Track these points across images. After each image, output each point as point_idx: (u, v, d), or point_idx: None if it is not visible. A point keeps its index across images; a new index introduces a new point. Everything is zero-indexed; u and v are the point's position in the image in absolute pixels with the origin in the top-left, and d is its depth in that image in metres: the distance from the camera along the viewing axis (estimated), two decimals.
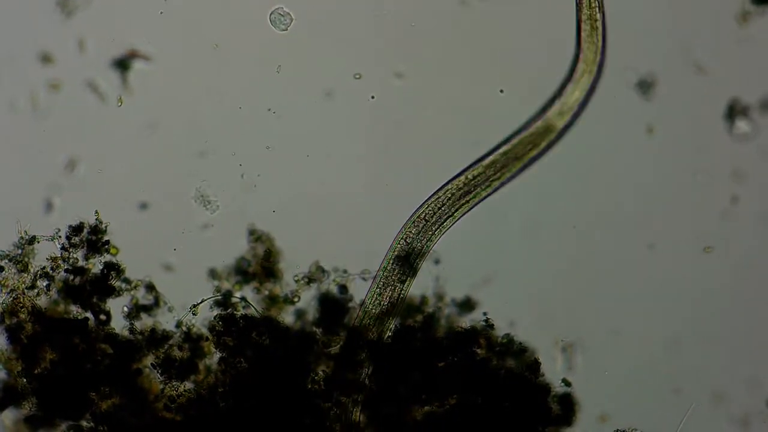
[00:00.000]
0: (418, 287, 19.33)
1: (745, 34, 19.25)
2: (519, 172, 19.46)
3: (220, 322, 18.93)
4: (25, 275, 18.90)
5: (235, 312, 19.00)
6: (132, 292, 19.05)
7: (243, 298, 18.86)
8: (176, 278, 19.14)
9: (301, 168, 19.28)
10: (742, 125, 19.27)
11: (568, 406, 19.17)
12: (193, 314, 18.97)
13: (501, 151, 19.41)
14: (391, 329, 19.16)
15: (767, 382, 19.35)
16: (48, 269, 18.96)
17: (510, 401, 19.00)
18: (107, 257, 19.08)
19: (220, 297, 19.00)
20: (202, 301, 19.00)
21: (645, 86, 18.72)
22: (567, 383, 19.15)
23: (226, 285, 19.06)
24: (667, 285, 19.43)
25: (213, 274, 19.06)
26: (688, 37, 19.22)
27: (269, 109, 19.19)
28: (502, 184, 19.46)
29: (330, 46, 19.31)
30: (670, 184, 19.42)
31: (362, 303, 19.17)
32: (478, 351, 19.14)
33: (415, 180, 19.31)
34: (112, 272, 19.06)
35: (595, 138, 19.43)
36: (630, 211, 19.45)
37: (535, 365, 19.19)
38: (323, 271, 19.20)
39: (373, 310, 19.15)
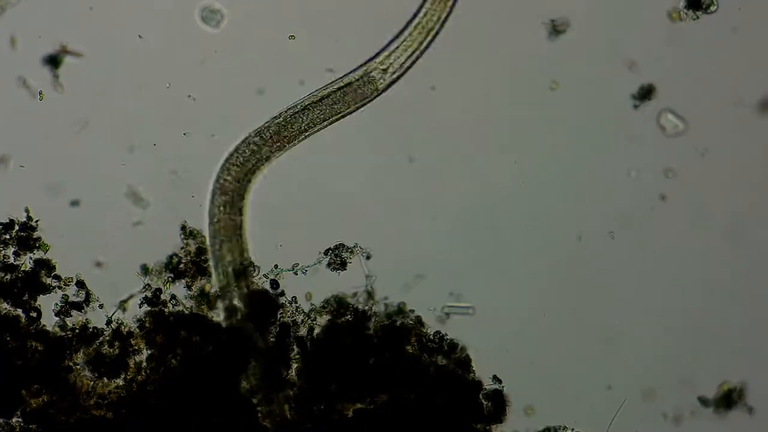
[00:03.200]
0: (349, 283, 19.33)
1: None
2: None
3: (150, 319, 18.89)
4: None
5: (164, 309, 18.97)
6: (63, 289, 19.00)
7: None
8: (107, 275, 19.12)
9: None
10: (672, 120, 19.32)
11: (499, 402, 19.15)
12: (123, 310, 18.93)
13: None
14: (321, 325, 19.15)
15: (699, 379, 19.36)
16: None
17: (442, 398, 18.98)
18: (38, 254, 19.03)
19: (145, 292, 18.99)
20: (129, 297, 18.97)
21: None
22: (498, 380, 19.14)
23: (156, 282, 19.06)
24: (599, 278, 19.49)
25: (145, 270, 19.02)
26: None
27: (189, 96, 19.24)
28: None
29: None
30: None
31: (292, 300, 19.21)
32: (409, 348, 19.12)
33: None
34: (43, 269, 19.01)
35: None
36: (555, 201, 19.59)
37: (466, 362, 19.18)
38: (254, 266, 19.19)
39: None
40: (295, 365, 19.00)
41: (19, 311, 18.91)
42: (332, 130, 19.49)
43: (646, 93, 19.20)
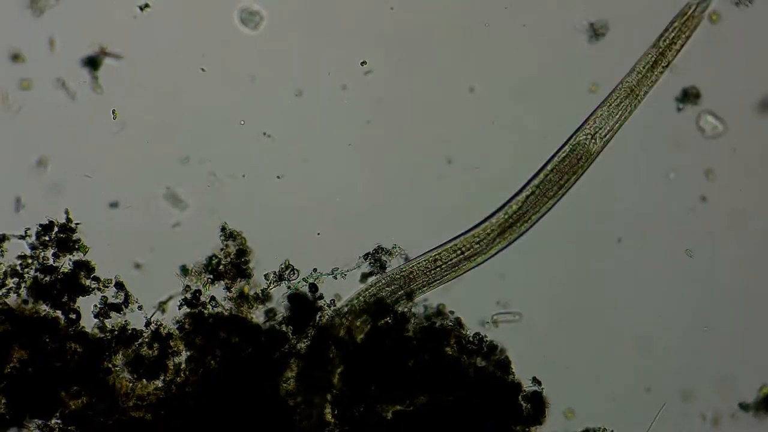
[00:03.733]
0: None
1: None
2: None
3: (189, 320, 18.90)
4: None
5: (203, 310, 18.97)
6: (102, 291, 19.01)
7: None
8: (146, 277, 19.13)
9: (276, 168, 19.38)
10: (711, 121, 19.30)
11: (538, 404, 19.11)
12: (162, 311, 18.93)
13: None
14: (363, 329, 19.15)
15: (739, 381, 19.33)
16: (18, 268, 18.92)
17: (481, 400, 18.95)
18: (77, 256, 19.04)
19: (185, 294, 18.99)
20: (169, 298, 18.97)
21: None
22: (537, 382, 19.11)
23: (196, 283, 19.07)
24: (639, 283, 19.46)
25: (184, 271, 19.02)
26: None
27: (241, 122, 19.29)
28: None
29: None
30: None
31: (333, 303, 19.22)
32: (448, 350, 19.10)
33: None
34: (82, 271, 19.02)
35: None
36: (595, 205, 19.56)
37: (506, 364, 19.15)
38: (293, 269, 19.18)
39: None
40: (334, 368, 18.99)
41: (59, 313, 18.91)
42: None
43: (690, 96, 19.18)
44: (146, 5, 18.51)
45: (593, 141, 19.30)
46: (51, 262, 18.99)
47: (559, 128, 19.39)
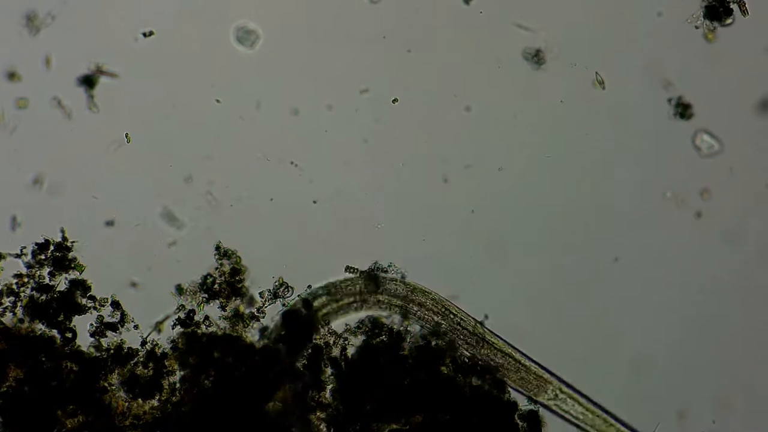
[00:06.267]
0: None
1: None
2: None
3: (182, 340, 18.90)
4: None
5: (197, 330, 18.97)
6: (98, 310, 19.01)
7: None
8: (142, 295, 19.13)
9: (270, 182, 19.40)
10: (707, 140, 19.27)
11: (534, 423, 19.09)
12: (158, 331, 18.94)
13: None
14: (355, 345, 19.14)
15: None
16: (14, 286, 18.94)
17: (477, 419, 18.93)
18: (74, 274, 19.05)
19: (179, 313, 19.00)
20: (165, 318, 18.97)
21: None
22: (533, 401, 19.09)
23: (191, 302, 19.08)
24: (634, 301, 19.44)
25: (179, 290, 19.01)
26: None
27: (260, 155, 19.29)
28: None
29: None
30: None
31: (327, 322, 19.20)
32: (444, 369, 19.08)
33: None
34: (78, 290, 19.03)
35: None
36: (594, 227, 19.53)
37: (501, 383, 19.14)
38: (288, 287, 19.18)
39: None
40: (329, 386, 18.97)
41: (55, 332, 18.92)
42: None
43: (683, 110, 19.19)
44: (150, 32, 18.50)
45: None
46: (47, 280, 19.01)
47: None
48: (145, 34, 18.93)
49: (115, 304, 19.03)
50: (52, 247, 19.06)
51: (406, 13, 19.39)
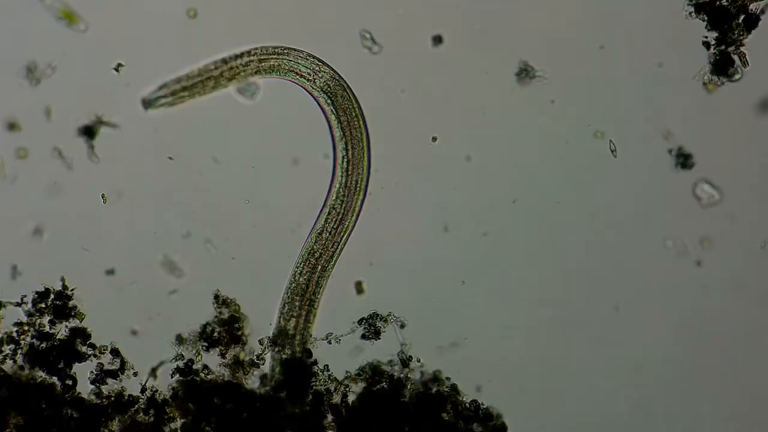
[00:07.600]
0: (383, 352, 19.33)
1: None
2: None
3: (182, 388, 18.96)
4: None
5: (196, 378, 19.03)
6: (98, 357, 19.09)
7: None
8: (142, 343, 19.21)
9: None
10: (708, 190, 19.25)
11: None
12: (154, 377, 19.00)
13: None
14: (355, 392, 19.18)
15: None
16: (14, 334, 19.02)
17: None
18: (74, 322, 19.12)
19: (177, 362, 19.07)
20: (160, 364, 19.03)
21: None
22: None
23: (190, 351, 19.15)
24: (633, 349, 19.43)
25: (179, 339, 19.09)
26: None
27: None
28: None
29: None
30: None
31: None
32: (445, 416, 19.11)
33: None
34: (78, 337, 19.10)
35: None
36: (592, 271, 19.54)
37: (502, 429, 19.15)
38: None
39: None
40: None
41: (55, 379, 19.00)
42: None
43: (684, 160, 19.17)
44: (119, 65, 18.56)
45: None
46: (47, 328, 19.09)
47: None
48: (116, 69, 18.97)
49: (115, 352, 19.10)
50: (52, 296, 19.13)
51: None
